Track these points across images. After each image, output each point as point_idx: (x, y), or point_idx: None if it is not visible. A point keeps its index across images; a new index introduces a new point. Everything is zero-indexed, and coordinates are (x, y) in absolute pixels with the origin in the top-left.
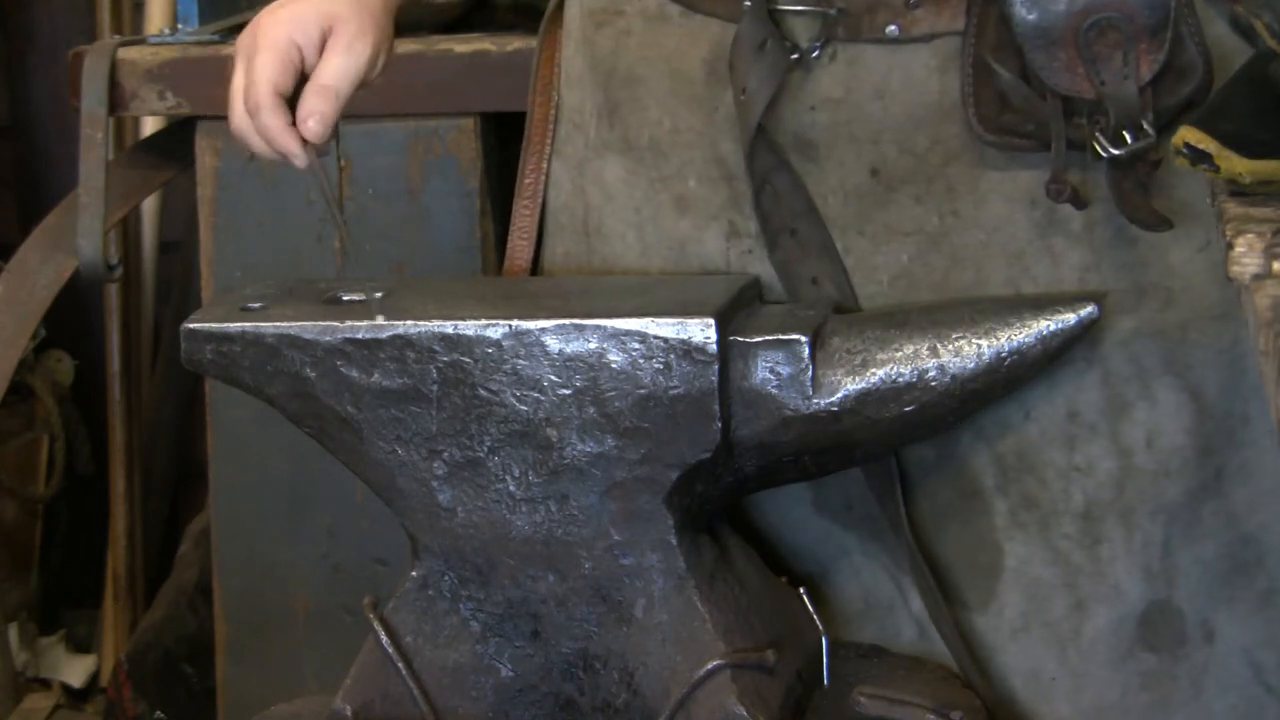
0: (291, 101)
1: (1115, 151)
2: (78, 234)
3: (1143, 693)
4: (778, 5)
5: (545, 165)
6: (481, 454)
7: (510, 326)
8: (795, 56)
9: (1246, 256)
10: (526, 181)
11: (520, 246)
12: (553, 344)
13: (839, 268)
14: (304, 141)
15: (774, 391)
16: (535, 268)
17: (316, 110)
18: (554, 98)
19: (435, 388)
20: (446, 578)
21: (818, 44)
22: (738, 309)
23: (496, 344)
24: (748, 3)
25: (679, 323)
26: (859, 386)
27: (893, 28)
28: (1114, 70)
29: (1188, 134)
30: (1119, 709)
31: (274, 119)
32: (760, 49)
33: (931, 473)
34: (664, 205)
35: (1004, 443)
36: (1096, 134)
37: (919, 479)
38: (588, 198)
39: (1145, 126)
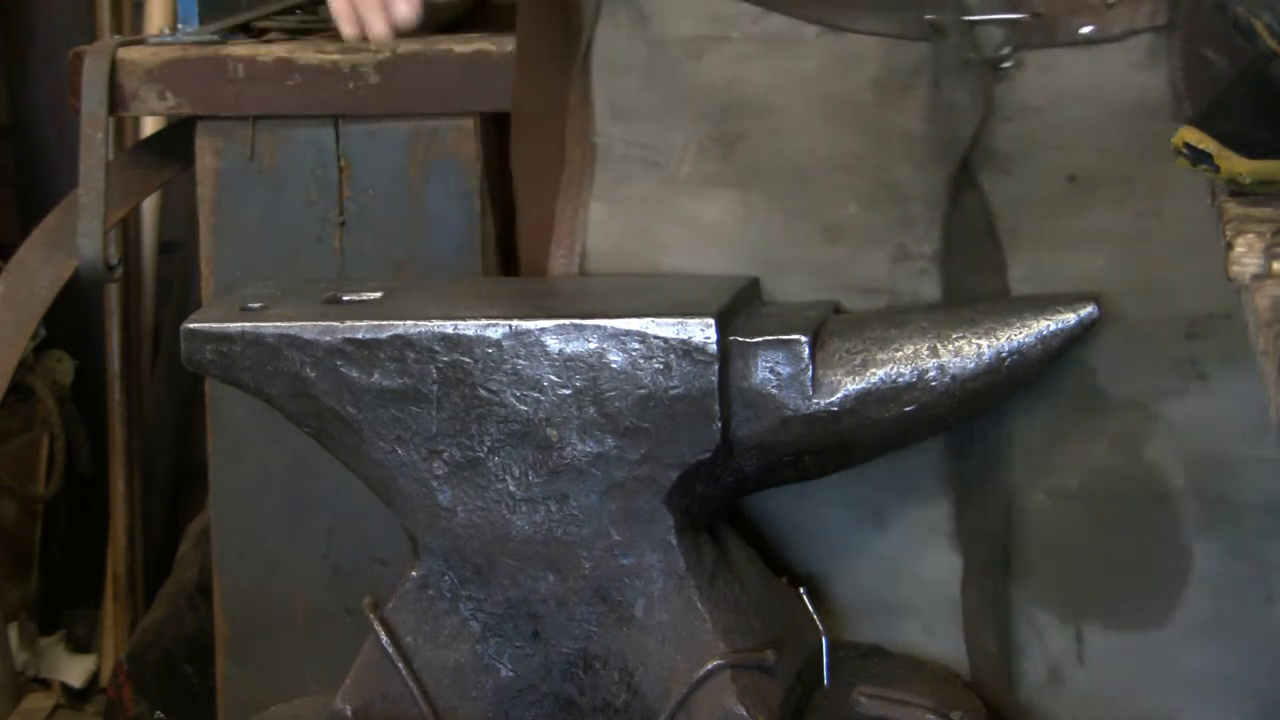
0: None
1: None
2: (78, 234)
3: None
4: (967, 16)
5: (582, 211)
6: (481, 454)
7: (510, 326)
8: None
9: (1246, 256)
10: (564, 229)
11: None
12: (553, 344)
13: (1005, 289)
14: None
15: (774, 391)
16: None
17: None
18: (590, 139)
19: (435, 388)
20: (446, 578)
21: (1006, 51)
22: (738, 309)
23: (496, 344)
24: (929, 16)
25: (679, 323)
26: (859, 386)
27: (1089, 28)
28: None
29: (1188, 134)
30: None
31: None
32: (965, 64)
33: (1115, 479)
34: (807, 234)
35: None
36: None
37: (1097, 487)
38: (660, 237)
39: None
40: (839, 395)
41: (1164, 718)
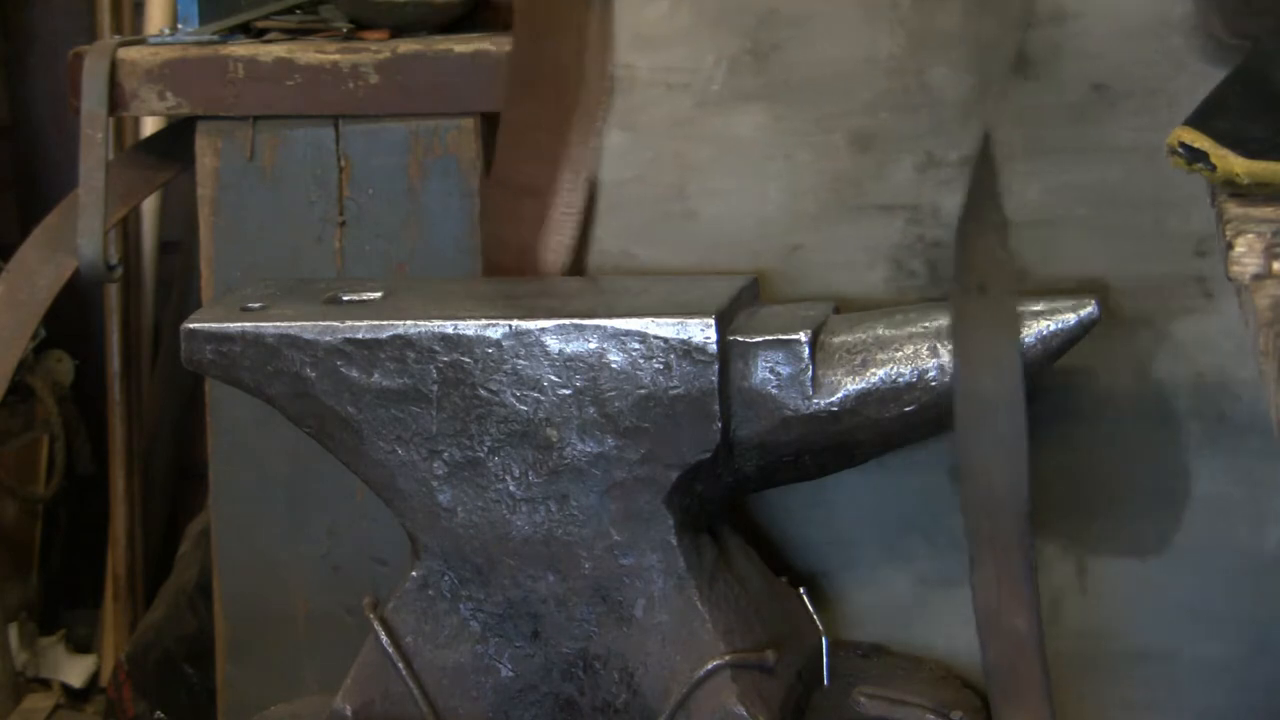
0: None
1: None
2: (78, 234)
3: None
4: None
5: (595, 140)
6: (481, 454)
7: (510, 326)
8: None
9: (1246, 256)
10: (574, 157)
11: (564, 221)
12: (553, 344)
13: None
14: None
15: (774, 391)
16: (582, 247)
17: None
18: (610, 71)
19: (435, 388)
20: (446, 578)
21: None
22: (738, 309)
23: (496, 344)
24: None
25: (679, 323)
26: (859, 386)
27: None
28: None
29: (1183, 133)
30: None
31: None
32: None
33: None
34: (834, 144)
35: (1203, 360)
36: None
37: (1105, 408)
38: (688, 159)
39: None
40: (839, 395)
41: (1162, 650)
